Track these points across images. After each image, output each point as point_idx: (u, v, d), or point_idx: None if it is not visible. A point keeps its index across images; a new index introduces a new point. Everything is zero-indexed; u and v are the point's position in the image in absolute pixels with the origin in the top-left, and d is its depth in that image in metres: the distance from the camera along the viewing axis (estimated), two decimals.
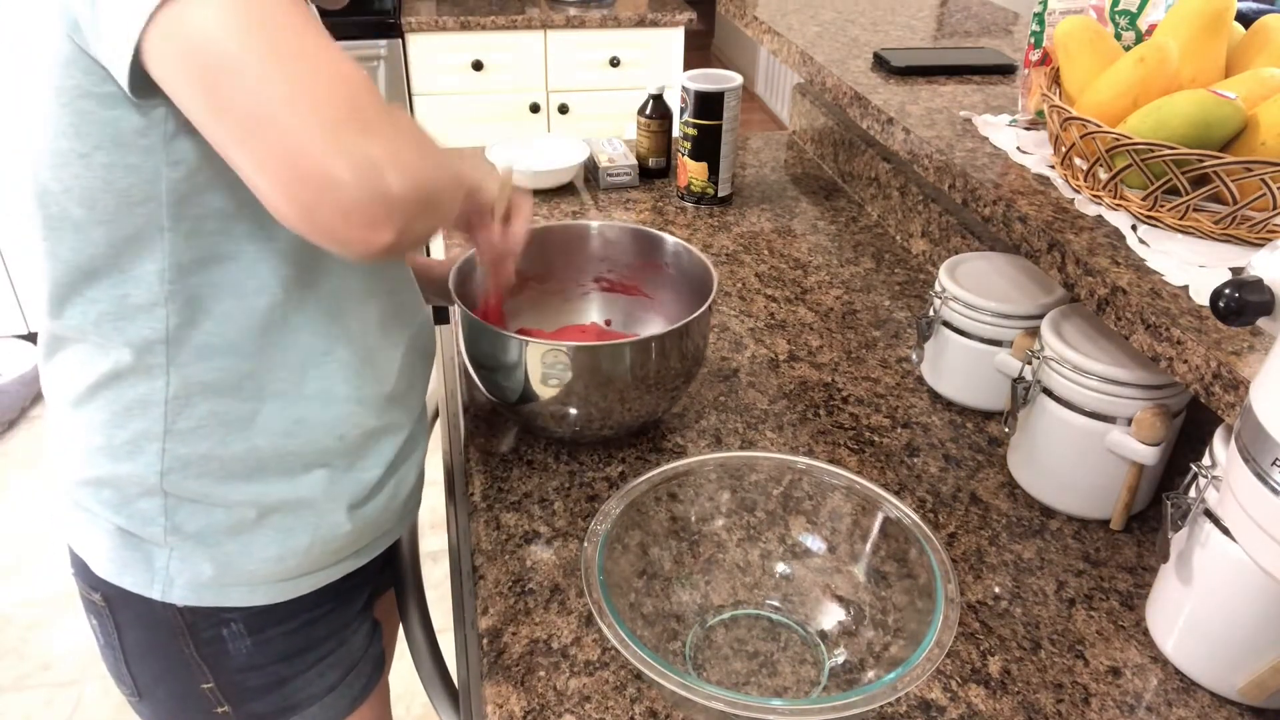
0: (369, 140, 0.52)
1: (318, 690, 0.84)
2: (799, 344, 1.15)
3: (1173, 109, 0.81)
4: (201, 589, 0.74)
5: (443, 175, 0.59)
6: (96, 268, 0.63)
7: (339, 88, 0.52)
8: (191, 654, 0.77)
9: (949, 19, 1.55)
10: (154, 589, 0.74)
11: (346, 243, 0.54)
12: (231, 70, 0.51)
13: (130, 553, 0.73)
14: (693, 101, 1.40)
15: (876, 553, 0.75)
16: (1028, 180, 0.94)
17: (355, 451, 0.76)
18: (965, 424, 1.02)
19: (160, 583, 0.73)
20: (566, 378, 0.85)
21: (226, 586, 0.74)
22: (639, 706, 0.70)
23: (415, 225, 0.56)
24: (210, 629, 0.76)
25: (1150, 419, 0.80)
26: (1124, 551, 0.85)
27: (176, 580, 0.73)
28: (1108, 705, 0.71)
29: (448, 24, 2.60)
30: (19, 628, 1.95)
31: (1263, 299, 0.55)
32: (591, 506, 0.88)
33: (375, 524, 0.80)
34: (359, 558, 0.82)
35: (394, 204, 0.53)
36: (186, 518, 0.71)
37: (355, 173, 0.51)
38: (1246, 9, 1.24)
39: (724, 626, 0.76)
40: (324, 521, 0.75)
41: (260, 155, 0.51)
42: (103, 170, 0.59)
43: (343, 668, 0.86)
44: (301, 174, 0.51)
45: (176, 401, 0.68)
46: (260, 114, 0.51)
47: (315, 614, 0.81)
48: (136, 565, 0.73)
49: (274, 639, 0.79)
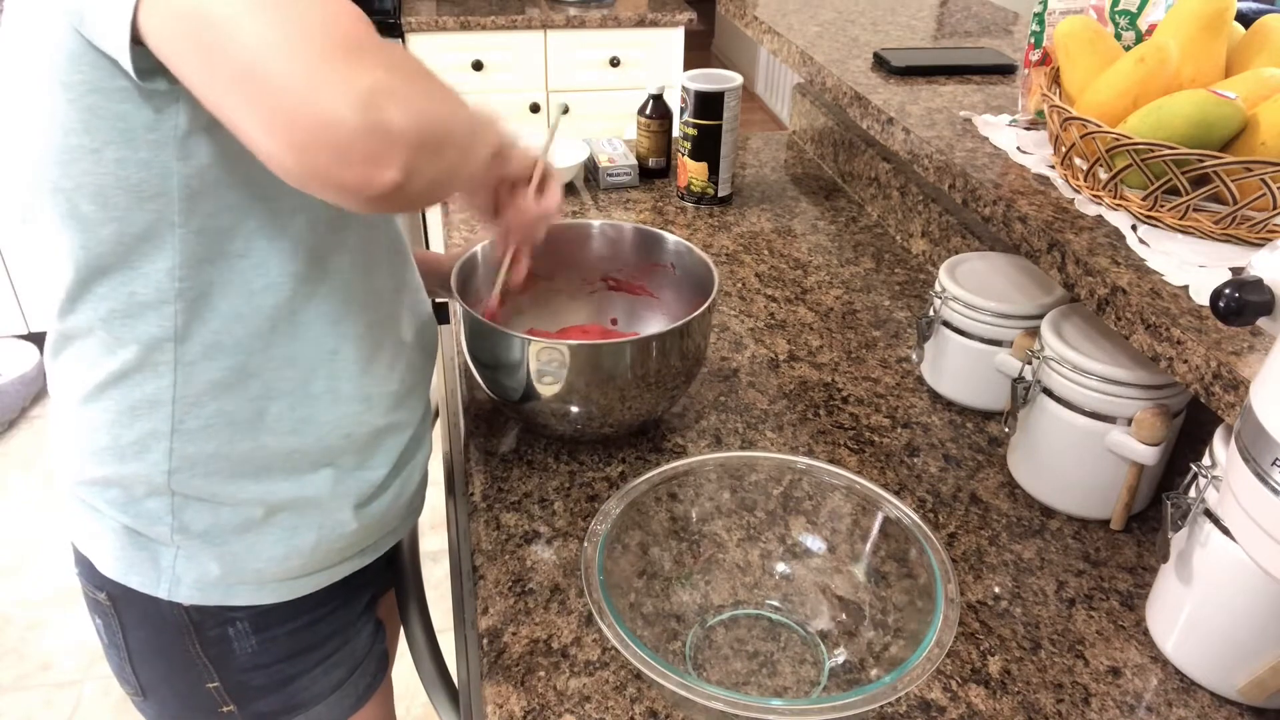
0: (364, 71, 0.49)
1: (322, 689, 0.84)
2: (799, 344, 1.15)
3: (1173, 109, 0.81)
4: (208, 588, 0.74)
5: (457, 117, 0.56)
6: (106, 265, 0.63)
7: (329, 23, 0.50)
8: (197, 653, 0.77)
9: (949, 19, 1.55)
10: (160, 588, 0.74)
11: (348, 186, 0.51)
12: (219, 23, 0.49)
13: (137, 552, 0.73)
14: (693, 101, 1.40)
15: (876, 553, 0.75)
16: (1028, 180, 0.94)
17: (362, 450, 0.76)
18: (965, 424, 1.02)
19: (167, 582, 0.73)
20: (566, 376, 0.85)
21: (233, 585, 0.74)
22: (639, 706, 0.70)
23: (424, 165, 0.52)
24: (216, 628, 0.76)
25: (1150, 419, 0.80)
26: (1124, 551, 0.85)
27: (183, 579, 0.73)
28: (1108, 705, 0.71)
29: (448, 24, 2.60)
30: (19, 628, 1.95)
31: (1263, 299, 0.55)
32: (591, 506, 0.88)
33: (381, 523, 0.80)
34: (364, 556, 0.82)
35: (396, 137, 0.50)
36: (193, 517, 0.71)
37: (349, 103, 0.48)
38: (1246, 9, 1.24)
39: (724, 626, 0.76)
40: (330, 520, 0.75)
41: (251, 103, 0.49)
42: (114, 166, 0.59)
43: (347, 666, 0.86)
44: (292, 113, 0.48)
45: (184, 400, 0.67)
46: (249, 60, 0.48)
47: (320, 613, 0.81)
48: (143, 564, 0.73)
49: (279, 638, 0.79)
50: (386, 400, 0.76)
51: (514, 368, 0.86)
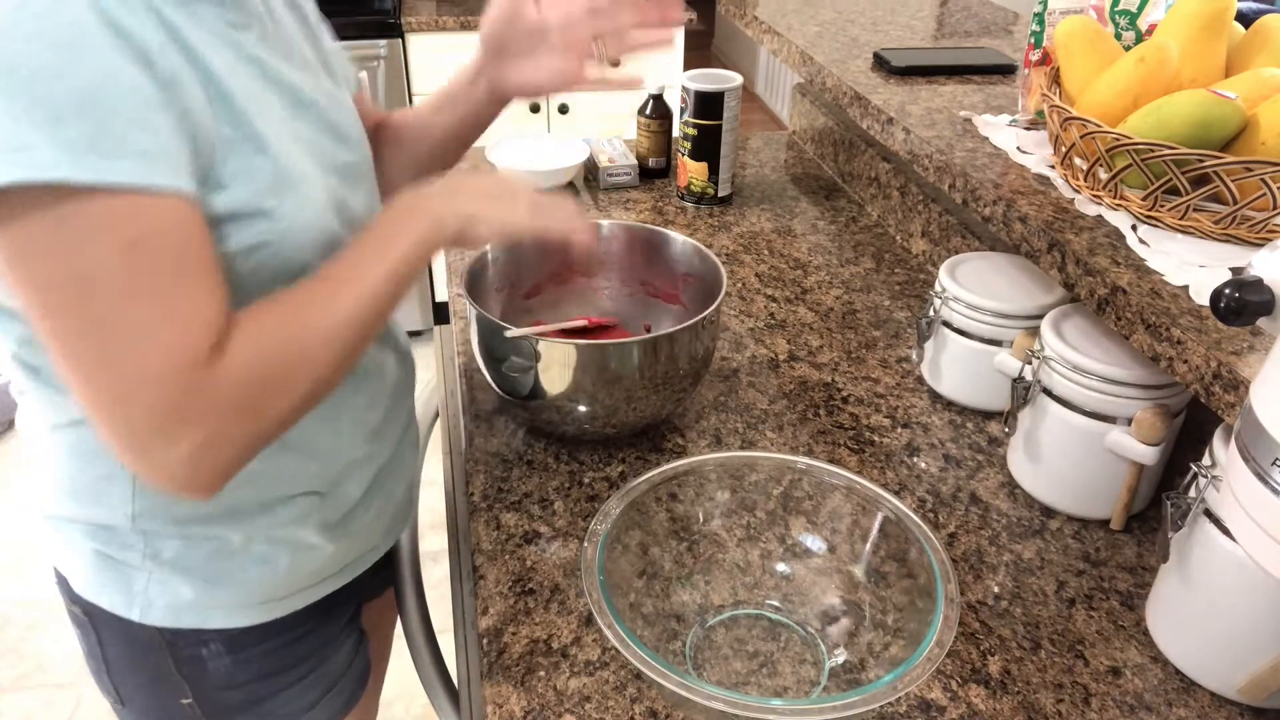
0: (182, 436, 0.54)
1: (297, 708, 0.83)
2: (799, 344, 1.15)
3: (1173, 109, 0.81)
4: (180, 611, 0.73)
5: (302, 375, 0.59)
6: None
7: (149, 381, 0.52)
8: (171, 670, 0.76)
9: (949, 19, 1.55)
10: (133, 610, 0.72)
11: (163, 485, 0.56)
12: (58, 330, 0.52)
13: (108, 574, 0.72)
14: (693, 101, 1.40)
15: (876, 553, 0.75)
16: (1028, 180, 0.94)
17: (335, 480, 0.75)
18: (965, 424, 1.02)
19: (139, 605, 0.72)
20: (573, 374, 0.85)
21: (206, 609, 0.73)
22: (639, 706, 0.70)
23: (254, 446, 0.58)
24: (189, 648, 0.75)
25: (1150, 419, 0.80)
26: (1124, 551, 0.85)
27: (155, 603, 0.72)
28: (1108, 705, 0.71)
29: (448, 24, 2.60)
30: (19, 628, 1.95)
31: (1263, 299, 0.55)
32: (591, 506, 0.88)
33: (360, 541, 0.80)
34: (342, 576, 0.81)
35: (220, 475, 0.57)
36: (164, 546, 0.70)
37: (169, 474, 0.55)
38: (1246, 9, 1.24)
39: (724, 626, 0.76)
40: (304, 544, 0.74)
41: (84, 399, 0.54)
42: None
43: (323, 685, 0.85)
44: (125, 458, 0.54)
45: None
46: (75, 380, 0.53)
47: (297, 632, 0.80)
48: (114, 586, 0.72)
49: (254, 658, 0.78)
50: (361, 439, 0.75)
51: (523, 365, 0.86)
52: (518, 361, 0.86)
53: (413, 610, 0.93)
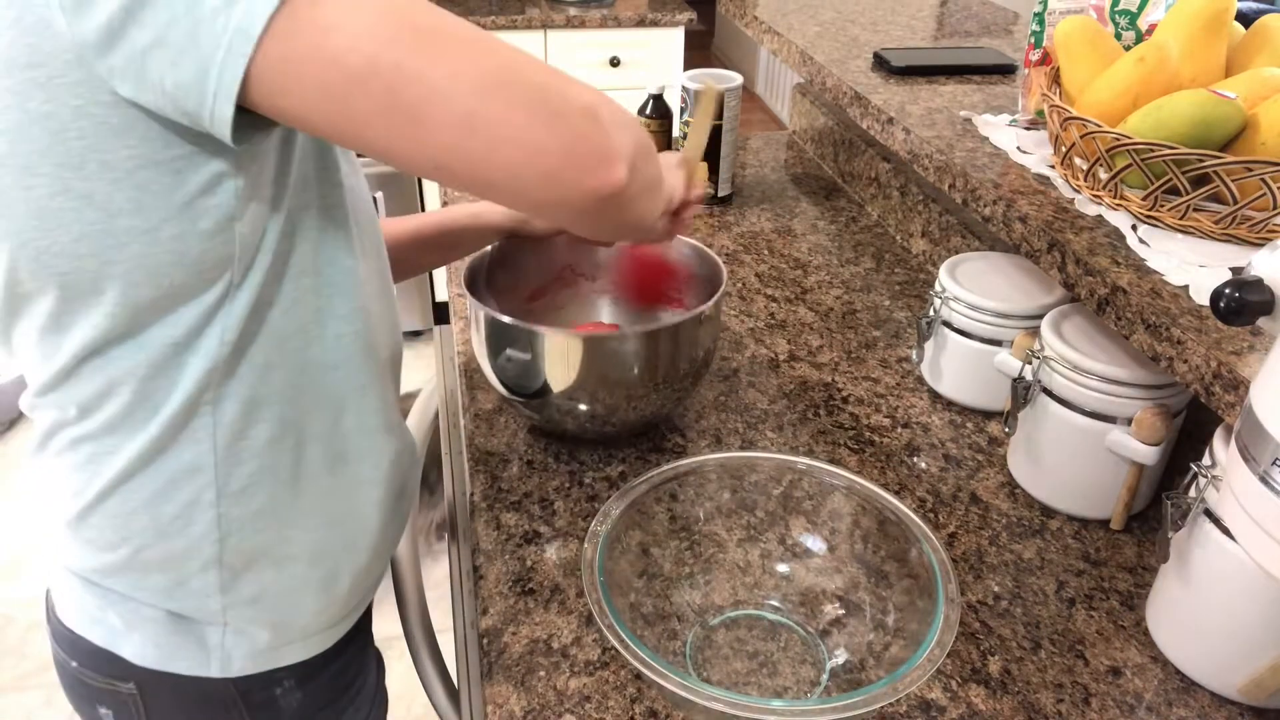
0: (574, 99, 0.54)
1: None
2: (799, 344, 1.15)
3: (1173, 109, 0.81)
4: (259, 655, 0.71)
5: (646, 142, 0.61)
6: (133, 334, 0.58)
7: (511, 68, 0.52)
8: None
9: (949, 19, 1.55)
10: (211, 667, 0.70)
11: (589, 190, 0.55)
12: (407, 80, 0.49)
13: (181, 637, 0.69)
14: (693, 101, 1.40)
15: (876, 553, 0.75)
16: (1028, 180, 0.94)
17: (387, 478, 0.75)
18: (965, 424, 1.02)
19: (218, 660, 0.70)
20: (578, 369, 0.85)
21: (280, 647, 0.72)
22: (639, 706, 0.70)
23: (642, 169, 0.58)
24: (262, 692, 0.73)
25: (1150, 419, 0.80)
26: (1124, 551, 0.85)
27: (234, 654, 0.70)
28: (1108, 705, 0.71)
29: None
30: (19, 628, 1.95)
31: (1263, 299, 0.55)
32: (591, 506, 0.88)
33: (390, 547, 0.80)
34: (376, 585, 0.81)
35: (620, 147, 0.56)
36: (244, 585, 0.68)
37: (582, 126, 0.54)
38: (1246, 9, 1.24)
39: (724, 626, 0.76)
40: (357, 559, 0.75)
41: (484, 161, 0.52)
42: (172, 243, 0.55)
43: (368, 697, 0.84)
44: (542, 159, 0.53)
45: (225, 462, 0.64)
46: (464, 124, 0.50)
47: (349, 653, 0.80)
48: (189, 648, 0.70)
49: (321, 687, 0.77)
50: (398, 423, 0.76)
51: (529, 362, 0.86)
52: (519, 355, 0.86)
53: (413, 610, 0.93)
